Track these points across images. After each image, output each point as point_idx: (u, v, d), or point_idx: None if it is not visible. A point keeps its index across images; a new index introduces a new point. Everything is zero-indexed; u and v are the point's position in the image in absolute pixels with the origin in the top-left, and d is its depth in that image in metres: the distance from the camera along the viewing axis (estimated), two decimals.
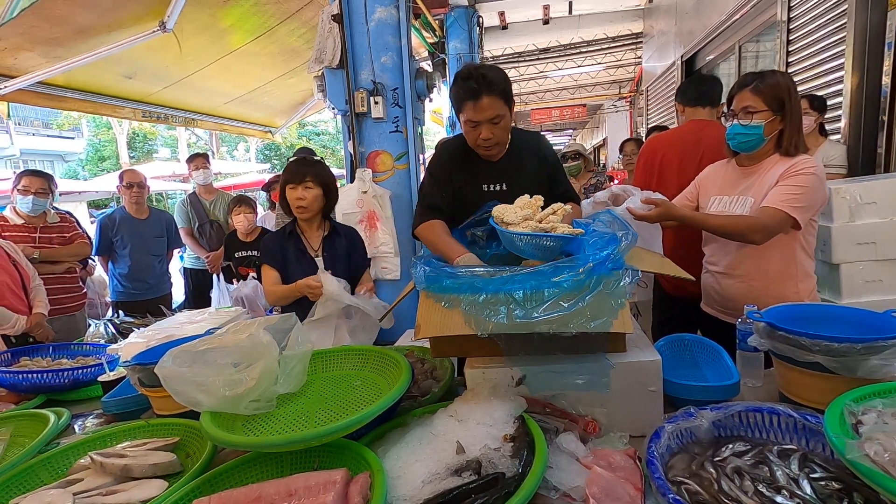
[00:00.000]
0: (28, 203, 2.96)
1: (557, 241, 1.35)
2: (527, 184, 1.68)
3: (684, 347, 1.54)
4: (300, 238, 2.18)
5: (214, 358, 1.17)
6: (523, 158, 1.80)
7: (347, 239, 2.24)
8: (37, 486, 1.10)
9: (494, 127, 1.63)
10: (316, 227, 2.20)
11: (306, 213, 2.11)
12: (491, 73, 1.60)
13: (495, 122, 1.62)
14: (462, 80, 1.61)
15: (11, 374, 1.74)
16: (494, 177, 1.77)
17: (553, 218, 1.41)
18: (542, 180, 1.79)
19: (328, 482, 0.90)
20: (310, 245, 2.17)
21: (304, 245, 2.17)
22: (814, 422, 0.98)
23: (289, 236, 2.17)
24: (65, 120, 23.41)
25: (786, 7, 4.01)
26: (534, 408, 1.15)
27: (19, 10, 2.63)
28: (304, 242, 2.17)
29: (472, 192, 1.76)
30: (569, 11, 8.55)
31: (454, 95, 1.65)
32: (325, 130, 25.91)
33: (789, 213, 1.57)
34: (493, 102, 1.59)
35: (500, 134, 1.66)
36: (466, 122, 1.65)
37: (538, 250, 1.37)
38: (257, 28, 4.16)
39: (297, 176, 2.09)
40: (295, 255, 2.14)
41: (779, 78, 1.65)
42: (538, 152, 1.82)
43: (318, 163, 2.22)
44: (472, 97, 1.58)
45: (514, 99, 1.70)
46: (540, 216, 1.42)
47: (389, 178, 3.11)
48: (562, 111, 14.59)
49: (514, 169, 1.78)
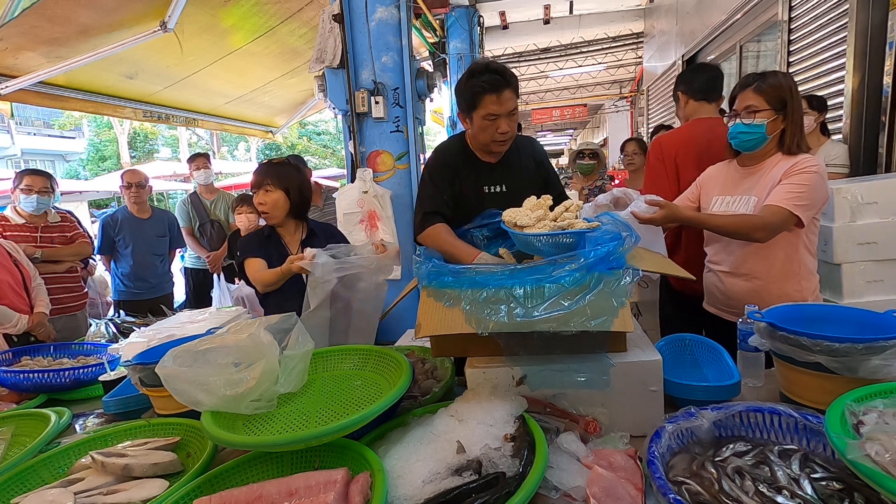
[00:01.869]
0: (32, 202, 2.96)
1: (576, 237, 1.36)
2: (525, 185, 1.70)
3: (685, 347, 1.54)
4: (279, 241, 2.14)
5: (215, 357, 1.17)
6: (521, 160, 1.82)
7: (326, 236, 2.19)
8: (38, 486, 1.10)
9: (511, 121, 1.66)
10: (293, 230, 2.16)
11: (272, 217, 2.07)
12: (508, 70, 1.65)
13: (512, 116, 1.66)
14: (480, 74, 1.61)
15: (13, 374, 1.74)
16: (494, 178, 1.79)
17: (568, 215, 1.42)
18: (538, 183, 1.82)
19: (329, 482, 0.90)
20: (289, 249, 2.14)
21: (285, 248, 2.13)
22: (815, 422, 0.97)
23: (268, 238, 2.14)
24: (66, 120, 23.45)
25: (787, 7, 4.00)
26: (534, 407, 1.15)
27: (21, 9, 2.63)
28: (284, 245, 2.14)
29: (472, 193, 1.77)
30: (570, 11, 8.54)
31: (470, 91, 1.63)
32: (326, 130, 25.91)
33: (793, 211, 1.58)
34: (512, 95, 1.63)
35: (514, 128, 1.69)
36: (486, 115, 1.63)
37: (558, 248, 1.38)
38: (258, 28, 4.16)
39: (255, 183, 2.07)
40: (277, 256, 2.10)
41: (780, 78, 1.66)
42: (533, 155, 1.85)
43: (282, 164, 2.15)
44: (495, 90, 1.59)
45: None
46: (554, 215, 1.43)
47: (390, 178, 3.12)
48: (562, 111, 14.58)
49: (512, 171, 1.80)
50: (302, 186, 2.13)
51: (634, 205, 1.75)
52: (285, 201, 2.08)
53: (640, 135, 9.71)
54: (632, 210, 1.72)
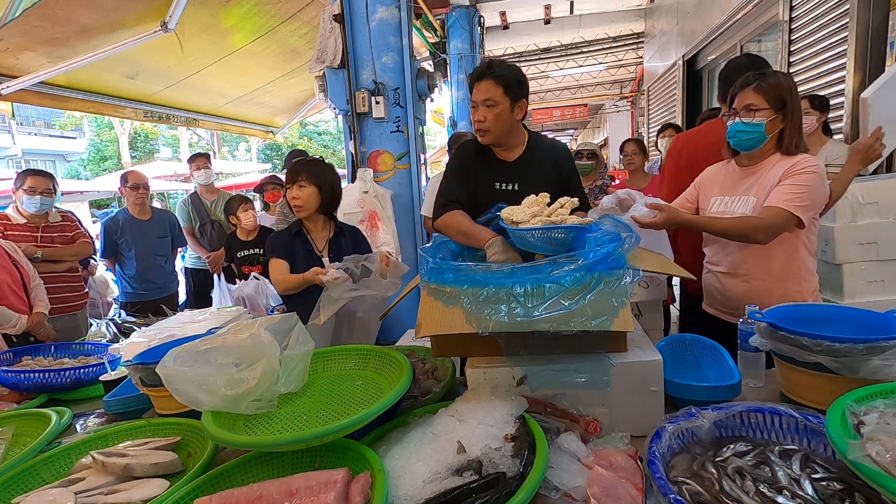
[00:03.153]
0: (36, 203, 2.97)
1: (568, 231, 1.37)
2: (539, 186, 1.69)
3: (685, 347, 1.54)
4: (307, 237, 2.21)
5: (216, 357, 1.17)
6: (539, 162, 1.85)
7: (352, 239, 2.27)
8: (38, 486, 1.10)
9: (487, 111, 1.73)
10: (321, 226, 2.23)
11: (303, 211, 2.14)
12: (498, 64, 1.75)
13: (489, 106, 1.73)
14: (478, 68, 1.78)
15: (13, 374, 1.75)
16: (507, 176, 1.83)
17: (561, 211, 1.43)
18: (555, 185, 1.81)
19: (329, 482, 0.90)
20: (315, 245, 2.21)
21: (311, 245, 2.20)
22: (815, 422, 0.97)
23: (295, 235, 2.20)
24: (67, 120, 23.46)
25: (787, 7, 4.00)
26: (535, 408, 1.15)
27: (21, 10, 2.64)
28: (310, 242, 2.20)
29: (485, 189, 1.82)
30: (570, 11, 8.54)
31: (468, 84, 1.81)
32: (327, 130, 25.92)
33: (793, 212, 1.57)
34: (490, 86, 1.72)
35: (491, 120, 1.74)
36: (471, 103, 1.79)
37: (550, 244, 1.39)
38: (259, 28, 4.16)
39: (290, 177, 2.15)
40: (303, 254, 2.16)
41: (781, 78, 1.66)
42: (555, 157, 1.88)
43: (317, 162, 2.24)
44: (476, 79, 1.76)
45: (523, 96, 1.79)
46: (548, 211, 1.44)
47: (391, 178, 3.12)
48: (563, 111, 14.58)
49: (527, 170, 1.83)
50: (334, 184, 2.21)
51: (634, 209, 1.75)
52: (317, 197, 2.14)
53: (640, 135, 9.71)
54: (632, 214, 1.72)
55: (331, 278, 1.92)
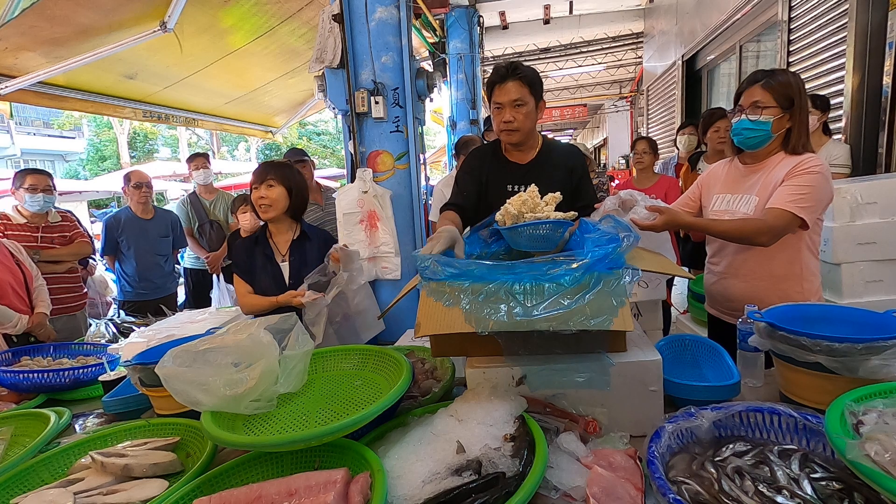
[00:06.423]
0: (38, 201, 2.96)
1: (552, 227, 1.39)
2: (551, 189, 1.69)
3: (685, 347, 1.54)
4: (268, 243, 2.16)
5: (215, 357, 1.17)
6: (551, 165, 1.88)
7: (320, 243, 2.19)
8: (37, 486, 1.10)
9: (516, 111, 1.77)
10: (285, 228, 2.18)
11: (270, 211, 2.08)
12: (520, 65, 1.78)
13: (517, 106, 1.77)
14: (496, 70, 1.80)
15: (12, 374, 1.74)
16: (519, 178, 1.86)
17: (547, 208, 1.45)
18: (567, 189, 1.81)
19: (328, 482, 0.90)
20: (277, 250, 2.16)
21: (272, 251, 2.15)
22: (814, 422, 0.97)
23: (257, 242, 2.16)
24: (66, 120, 23.44)
25: (786, 7, 4.01)
26: (534, 407, 1.15)
27: (20, 9, 2.63)
28: (271, 248, 2.15)
29: (497, 191, 1.85)
30: (569, 11, 8.55)
31: (487, 84, 1.85)
32: (326, 130, 25.91)
33: (796, 213, 1.54)
34: (518, 87, 1.75)
35: (521, 120, 1.78)
36: (494, 104, 1.82)
37: (535, 240, 1.41)
38: (258, 28, 4.16)
39: (258, 177, 2.09)
40: (262, 262, 2.12)
41: (790, 76, 1.63)
42: (567, 162, 1.91)
43: (284, 165, 2.18)
44: (500, 80, 1.78)
45: (542, 97, 1.83)
46: (532, 205, 1.47)
47: (390, 178, 3.11)
48: (562, 111, 14.59)
49: (539, 173, 1.85)
50: (302, 188, 2.17)
51: (634, 211, 1.74)
52: (286, 198, 2.11)
53: (639, 135, 9.71)
54: (631, 217, 1.71)
55: (309, 300, 1.93)
